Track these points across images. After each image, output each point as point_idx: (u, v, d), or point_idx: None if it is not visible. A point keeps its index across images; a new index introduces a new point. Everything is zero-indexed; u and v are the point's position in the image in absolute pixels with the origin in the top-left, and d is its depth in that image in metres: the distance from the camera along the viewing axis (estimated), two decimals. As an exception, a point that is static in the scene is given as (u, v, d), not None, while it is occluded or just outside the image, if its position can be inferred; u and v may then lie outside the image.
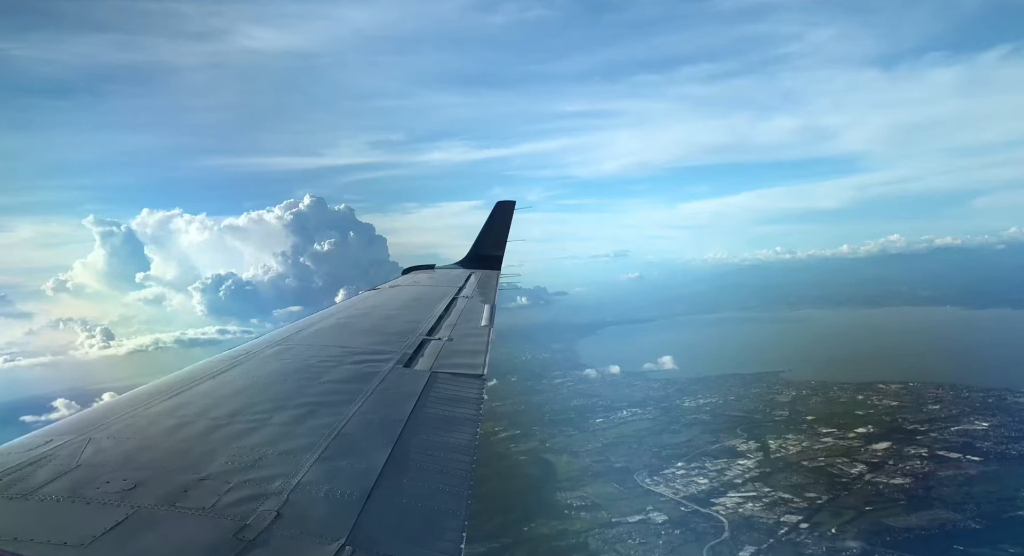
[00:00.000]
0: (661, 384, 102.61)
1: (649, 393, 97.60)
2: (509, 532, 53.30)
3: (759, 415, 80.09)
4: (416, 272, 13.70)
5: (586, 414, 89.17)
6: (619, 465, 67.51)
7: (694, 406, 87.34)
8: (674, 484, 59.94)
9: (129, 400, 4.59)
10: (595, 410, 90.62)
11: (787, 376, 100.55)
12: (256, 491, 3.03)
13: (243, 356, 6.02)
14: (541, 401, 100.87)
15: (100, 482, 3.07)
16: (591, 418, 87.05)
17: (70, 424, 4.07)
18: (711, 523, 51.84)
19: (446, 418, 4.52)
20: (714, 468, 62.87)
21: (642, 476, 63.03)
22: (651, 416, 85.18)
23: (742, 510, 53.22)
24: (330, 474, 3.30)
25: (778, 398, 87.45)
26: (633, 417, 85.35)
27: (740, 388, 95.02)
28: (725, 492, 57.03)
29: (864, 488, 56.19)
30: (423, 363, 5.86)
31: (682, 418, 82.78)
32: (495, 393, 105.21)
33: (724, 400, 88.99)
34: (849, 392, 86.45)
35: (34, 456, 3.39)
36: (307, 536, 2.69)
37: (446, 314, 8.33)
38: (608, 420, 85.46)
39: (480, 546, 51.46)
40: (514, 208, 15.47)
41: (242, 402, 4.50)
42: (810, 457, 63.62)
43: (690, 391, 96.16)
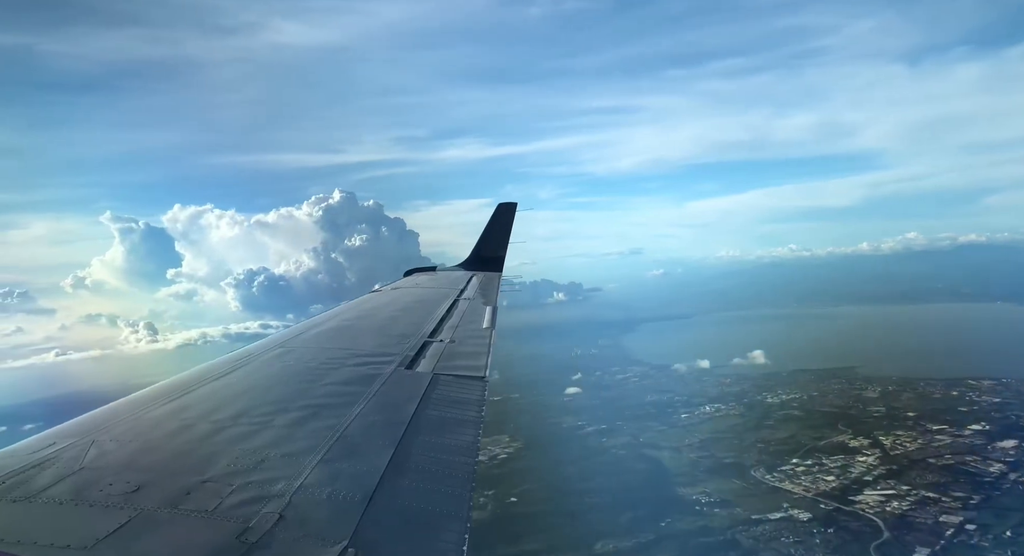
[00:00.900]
0: (732, 380, 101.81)
1: (722, 389, 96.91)
2: (646, 527, 52.45)
3: (854, 411, 78.94)
4: (417, 274, 13.66)
5: (666, 409, 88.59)
6: (729, 461, 66.62)
7: (778, 402, 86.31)
8: (799, 481, 58.96)
9: (132, 402, 4.56)
10: (673, 405, 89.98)
11: (861, 372, 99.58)
12: (258, 493, 3.01)
13: (245, 358, 5.99)
14: (613, 396, 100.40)
15: (103, 484, 3.06)
16: (673, 413, 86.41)
17: (73, 427, 4.01)
18: (861, 522, 50.92)
19: (448, 420, 4.47)
20: (834, 465, 61.82)
21: (760, 472, 62.12)
22: (737, 412, 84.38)
23: (889, 509, 52.12)
24: (332, 476, 3.29)
25: (864, 394, 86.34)
26: (718, 413, 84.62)
27: (816, 384, 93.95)
28: (860, 490, 56.08)
29: (1015, 488, 54.75)
30: (425, 365, 5.83)
31: (771, 414, 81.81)
32: (561, 388, 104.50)
33: (807, 396, 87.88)
34: (939, 388, 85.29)
35: (38, 459, 3.38)
36: (309, 538, 2.67)
37: (448, 316, 8.29)
38: (693, 415, 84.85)
39: (624, 540, 50.57)
40: (516, 210, 15.39)
41: (244, 404, 4.47)
42: (934, 454, 62.58)
43: (765, 387, 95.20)
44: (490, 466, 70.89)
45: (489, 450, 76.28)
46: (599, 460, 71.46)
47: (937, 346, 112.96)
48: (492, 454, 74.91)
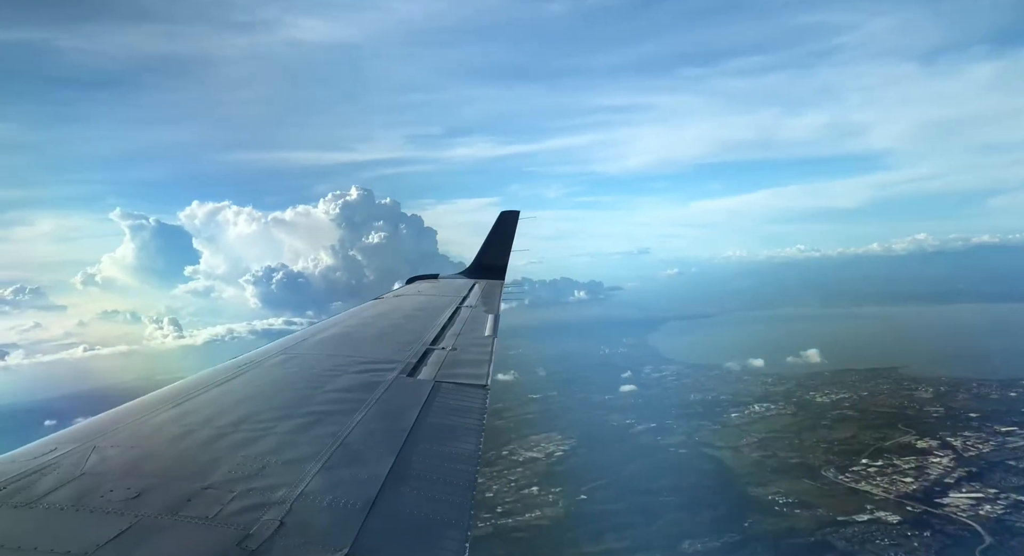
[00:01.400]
0: (774, 379, 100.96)
1: (766, 388, 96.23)
2: (730, 528, 51.84)
3: (911, 412, 78.24)
4: (420, 281, 13.65)
5: (714, 408, 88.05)
6: (794, 461, 65.93)
7: (828, 402, 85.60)
8: (875, 482, 58.22)
9: (133, 408, 4.56)
10: (721, 404, 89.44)
11: (905, 372, 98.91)
12: (260, 500, 3.00)
13: (247, 365, 5.98)
14: (654, 395, 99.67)
15: (104, 491, 3.06)
16: (722, 412, 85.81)
17: (74, 432, 4.01)
18: (957, 525, 50.16)
19: (450, 428, 4.44)
20: (907, 466, 61.12)
21: (830, 472, 61.43)
22: (789, 411, 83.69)
23: (983, 512, 51.27)
24: (334, 483, 3.27)
25: (917, 394, 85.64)
26: (768, 412, 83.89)
27: (863, 384, 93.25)
28: (944, 492, 55.22)
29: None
30: (427, 373, 5.79)
31: (825, 413, 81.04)
32: (597, 386, 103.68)
33: (857, 396, 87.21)
34: (995, 389, 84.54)
35: (38, 464, 3.37)
36: (310, 546, 2.66)
37: (450, 324, 8.26)
38: (743, 414, 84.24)
39: (710, 540, 49.87)
40: (518, 218, 15.41)
41: (246, 411, 4.45)
42: (1012, 456, 61.82)
43: (811, 386, 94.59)
44: (550, 463, 70.31)
45: (543, 447, 75.73)
46: (659, 458, 70.80)
47: (979, 347, 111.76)
48: (548, 451, 74.33)
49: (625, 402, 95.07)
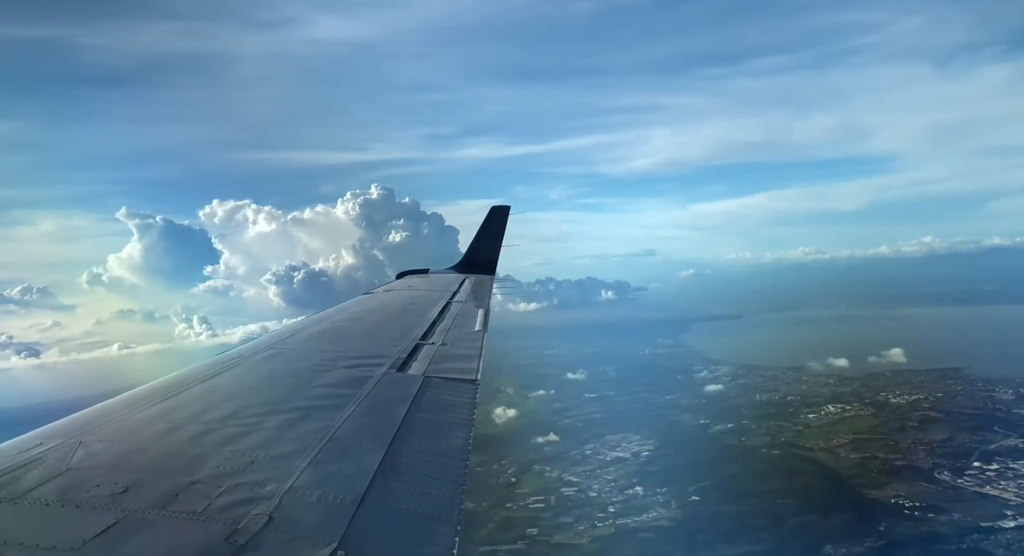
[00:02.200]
0: (836, 380, 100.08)
1: (831, 389, 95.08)
2: (866, 532, 50.21)
3: (1000, 413, 76.75)
4: (410, 276, 13.53)
5: (785, 409, 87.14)
6: (899, 463, 64.65)
7: (905, 403, 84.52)
8: (1000, 485, 56.89)
9: (120, 403, 4.49)
10: (791, 405, 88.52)
11: (970, 373, 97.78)
12: (248, 495, 2.98)
13: (235, 360, 5.91)
14: (717, 395, 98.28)
15: (90, 486, 3.02)
16: (796, 414, 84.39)
17: (60, 427, 3.94)
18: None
19: (439, 423, 4.39)
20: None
21: (945, 475, 59.97)
22: (867, 412, 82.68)
23: None
24: (322, 478, 3.24)
25: (997, 395, 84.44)
26: (845, 413, 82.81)
27: (934, 384, 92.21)
28: (1086, 499, 53.56)
29: None
30: (416, 368, 5.74)
31: (907, 414, 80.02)
32: (654, 386, 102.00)
33: (932, 397, 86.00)
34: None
35: (24, 459, 3.33)
36: (299, 541, 2.64)
37: (440, 319, 8.22)
38: (820, 415, 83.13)
39: (851, 545, 48.45)
40: (508, 213, 15.47)
41: (234, 406, 4.40)
42: None
43: (878, 387, 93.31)
44: (640, 463, 68.97)
45: (626, 447, 74.27)
46: (753, 460, 69.50)
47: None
48: (633, 451, 72.90)
49: (690, 402, 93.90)
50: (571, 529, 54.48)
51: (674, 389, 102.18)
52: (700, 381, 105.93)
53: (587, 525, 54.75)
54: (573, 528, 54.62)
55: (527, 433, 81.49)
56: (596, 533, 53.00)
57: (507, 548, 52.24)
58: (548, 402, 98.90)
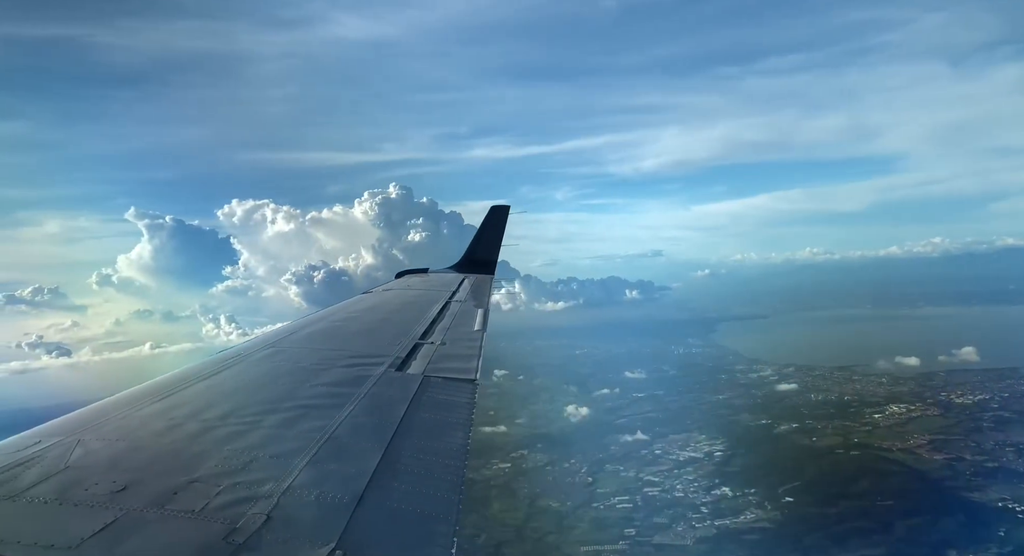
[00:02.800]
0: (890, 379, 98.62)
1: (887, 388, 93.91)
2: (986, 536, 49.26)
3: (1083, 414, 75.43)
4: (409, 276, 13.53)
5: (846, 409, 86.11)
6: (991, 464, 63.53)
7: (971, 402, 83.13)
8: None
9: (119, 402, 4.49)
10: (851, 405, 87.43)
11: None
12: (246, 494, 2.97)
13: (234, 358, 5.90)
14: (769, 394, 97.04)
15: (89, 484, 3.01)
16: (859, 413, 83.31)
17: (59, 425, 3.94)
18: None
19: (438, 422, 4.40)
20: None
21: (1041, 478, 58.50)
22: (934, 412, 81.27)
23: None
24: (321, 478, 3.24)
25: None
26: (912, 413, 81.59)
27: (993, 384, 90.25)
28: None
29: None
30: (416, 367, 5.73)
31: (977, 415, 78.63)
32: (701, 386, 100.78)
33: (997, 396, 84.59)
34: None
35: (22, 457, 3.33)
36: (297, 540, 2.63)
37: (439, 318, 8.20)
38: (885, 416, 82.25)
39: (979, 551, 47.22)
40: (508, 213, 15.49)
41: (233, 404, 4.40)
42: None
43: (936, 386, 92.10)
44: (716, 463, 67.96)
45: (695, 447, 73.24)
46: (833, 460, 68.29)
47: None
48: (704, 451, 71.69)
49: (744, 402, 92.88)
50: (669, 530, 53.44)
51: (722, 389, 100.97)
52: (747, 381, 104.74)
53: (685, 526, 53.73)
54: (671, 529, 53.58)
55: (590, 432, 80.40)
56: (698, 534, 51.97)
57: (610, 548, 51.30)
58: (600, 401, 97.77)
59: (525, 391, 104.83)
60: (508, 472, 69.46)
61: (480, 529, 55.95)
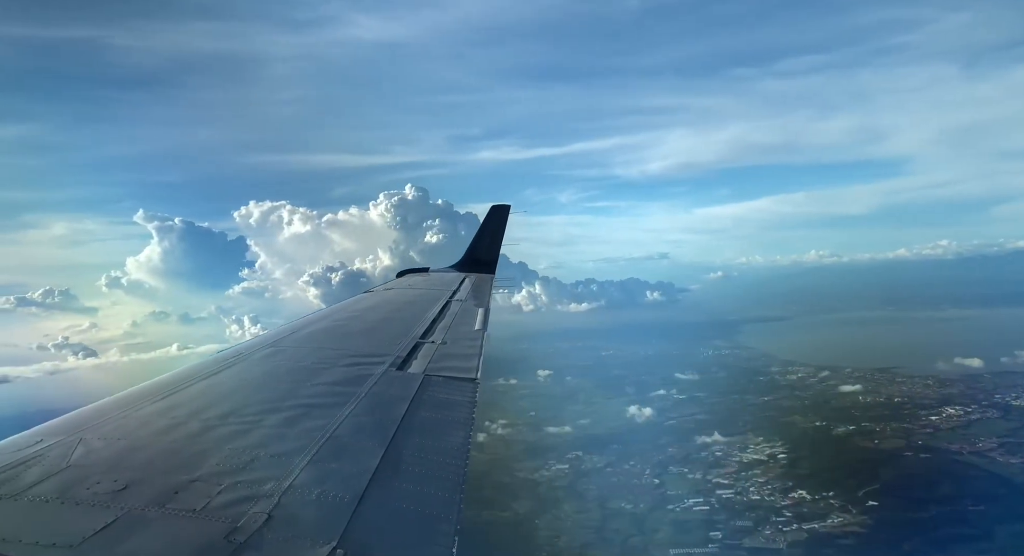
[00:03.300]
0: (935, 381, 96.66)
1: (935, 390, 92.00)
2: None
3: None
4: (410, 275, 13.46)
5: (899, 411, 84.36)
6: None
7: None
8: None
9: (120, 401, 4.49)
10: (902, 407, 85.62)
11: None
12: (247, 493, 2.97)
13: (235, 358, 5.91)
14: (815, 396, 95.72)
15: (90, 483, 3.02)
16: (912, 416, 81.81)
17: (61, 424, 3.94)
18: None
19: (439, 422, 4.40)
20: None
21: None
22: (993, 415, 79.63)
23: None
24: (322, 477, 3.23)
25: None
26: (968, 414, 79.99)
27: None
28: None
29: None
30: (416, 366, 5.74)
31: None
32: (743, 387, 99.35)
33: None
34: None
35: (24, 456, 3.33)
36: (298, 539, 2.63)
37: (440, 317, 8.18)
38: (943, 418, 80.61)
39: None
40: (508, 212, 15.38)
41: (234, 404, 4.40)
42: None
43: (987, 389, 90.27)
44: (783, 466, 66.54)
45: (755, 448, 71.72)
46: (903, 463, 66.87)
47: None
48: (767, 453, 70.25)
49: (791, 404, 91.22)
50: (757, 533, 52.04)
51: (765, 390, 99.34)
52: (788, 383, 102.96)
53: (772, 530, 52.34)
54: (758, 532, 52.18)
55: (642, 433, 79.03)
56: (788, 538, 50.56)
57: (700, 552, 49.97)
58: (644, 403, 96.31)
59: (563, 392, 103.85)
60: (568, 473, 68.19)
61: (557, 531, 54.62)
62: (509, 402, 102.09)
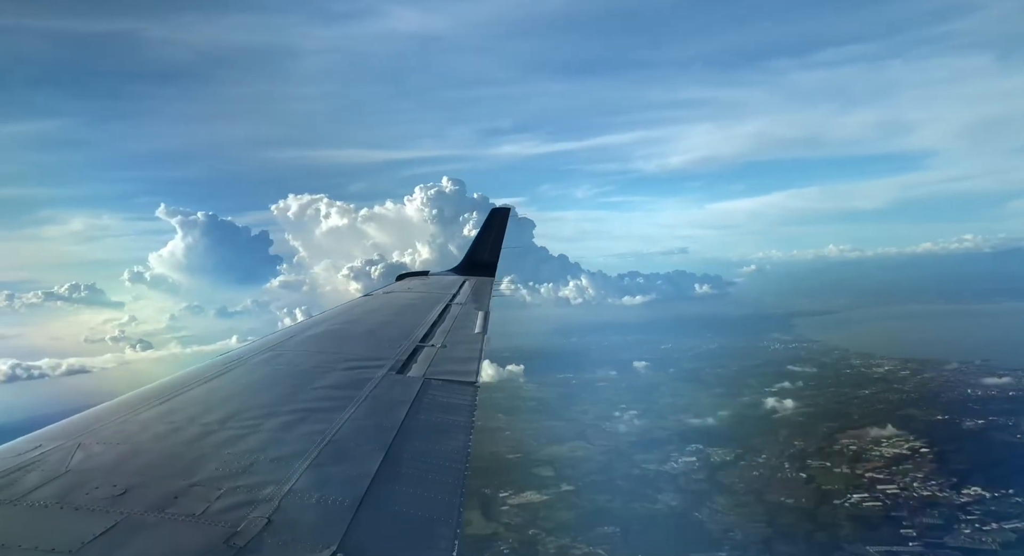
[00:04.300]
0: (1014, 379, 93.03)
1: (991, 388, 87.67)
2: None
3: None
4: (410, 278, 13.50)
5: (1003, 405, 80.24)
6: None
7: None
8: None
9: (119, 405, 4.51)
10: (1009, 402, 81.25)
11: None
12: (247, 498, 2.97)
13: (235, 362, 5.94)
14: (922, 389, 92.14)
15: (89, 488, 3.01)
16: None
17: (60, 429, 3.95)
18: None
19: (439, 425, 4.40)
20: None
21: None
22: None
23: None
24: (322, 481, 3.23)
25: None
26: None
27: None
28: None
29: None
30: (416, 370, 5.74)
31: None
32: (836, 381, 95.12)
33: None
34: None
35: (23, 461, 3.33)
36: (298, 543, 2.63)
37: (440, 321, 8.21)
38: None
39: None
40: (508, 215, 15.34)
41: (233, 408, 4.41)
42: None
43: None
44: (932, 460, 62.67)
45: (891, 441, 68.20)
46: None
47: None
48: (910, 447, 66.60)
49: (900, 398, 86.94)
50: (954, 532, 48.49)
51: (859, 383, 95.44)
52: (878, 376, 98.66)
53: (971, 529, 48.71)
54: (955, 530, 48.63)
55: (751, 426, 75.24)
56: (1002, 537, 46.95)
57: (901, 549, 46.61)
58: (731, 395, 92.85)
59: (644, 385, 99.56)
60: (700, 466, 64.61)
61: (725, 525, 51.38)
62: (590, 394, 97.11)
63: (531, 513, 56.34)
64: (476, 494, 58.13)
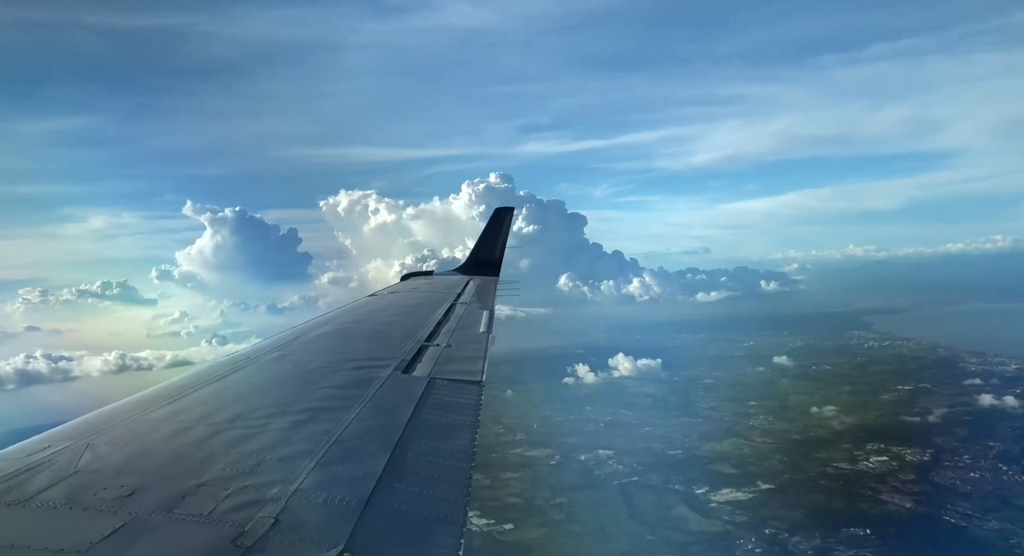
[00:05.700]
0: None
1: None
2: None
3: None
4: (415, 278, 13.62)
5: None
6: None
7: None
8: None
9: (127, 406, 4.53)
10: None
11: None
12: (254, 497, 2.98)
13: (242, 362, 5.97)
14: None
15: (98, 488, 3.04)
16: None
17: (68, 430, 3.99)
18: None
19: (444, 424, 4.42)
20: None
21: None
22: None
23: None
24: (328, 480, 3.25)
25: None
26: None
27: None
28: None
29: None
30: (421, 369, 5.76)
31: None
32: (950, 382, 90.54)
33: None
34: None
35: (32, 462, 3.35)
36: (305, 543, 2.64)
37: (445, 320, 8.25)
38: None
39: None
40: (512, 215, 15.47)
41: (240, 408, 4.44)
42: None
43: None
44: None
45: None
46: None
47: None
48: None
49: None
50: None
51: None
52: (1012, 374, 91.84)
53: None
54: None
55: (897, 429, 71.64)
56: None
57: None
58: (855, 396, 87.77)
59: (756, 382, 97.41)
60: (894, 466, 61.86)
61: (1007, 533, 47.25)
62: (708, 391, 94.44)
63: (750, 510, 53.98)
64: (678, 493, 57.57)
